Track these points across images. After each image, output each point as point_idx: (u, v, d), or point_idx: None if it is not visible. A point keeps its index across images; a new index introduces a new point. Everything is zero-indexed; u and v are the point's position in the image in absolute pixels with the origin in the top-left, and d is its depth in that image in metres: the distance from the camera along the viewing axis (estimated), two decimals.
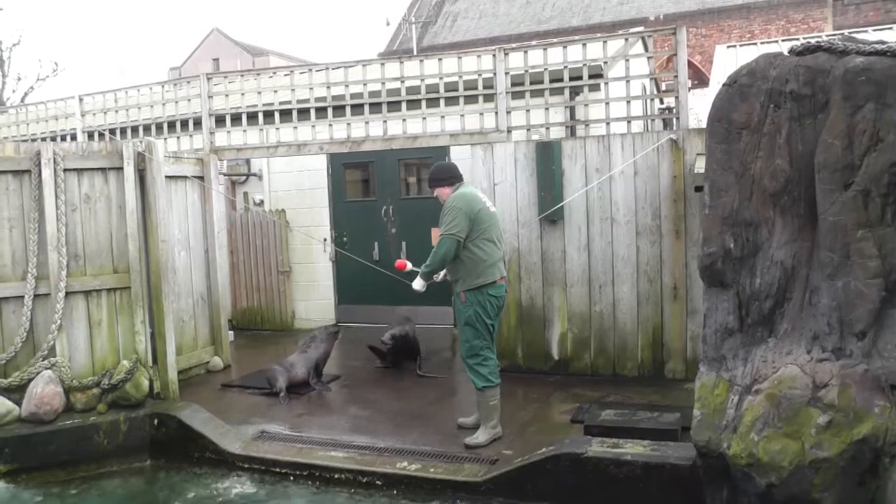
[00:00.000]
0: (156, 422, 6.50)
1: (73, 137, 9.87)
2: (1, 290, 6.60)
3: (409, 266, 6.12)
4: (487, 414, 5.69)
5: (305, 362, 7.43)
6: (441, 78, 7.83)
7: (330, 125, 8.34)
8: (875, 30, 11.09)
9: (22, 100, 25.91)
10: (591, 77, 7.49)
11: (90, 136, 9.77)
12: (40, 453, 6.15)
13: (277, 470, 5.75)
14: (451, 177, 5.85)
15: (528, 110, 7.56)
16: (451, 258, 5.57)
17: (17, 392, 6.40)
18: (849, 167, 4.09)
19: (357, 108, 8.25)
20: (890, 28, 11.13)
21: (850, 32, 9.19)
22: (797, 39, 8.74)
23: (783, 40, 11.48)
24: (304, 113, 8.49)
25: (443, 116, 7.84)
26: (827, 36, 7.33)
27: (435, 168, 6.01)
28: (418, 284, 5.81)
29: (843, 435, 3.97)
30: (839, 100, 4.13)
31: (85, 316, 6.83)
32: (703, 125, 5.14)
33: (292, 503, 5.42)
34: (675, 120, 7.26)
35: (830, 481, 3.99)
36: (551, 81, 7.47)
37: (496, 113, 7.61)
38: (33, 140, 10.22)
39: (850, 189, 4.10)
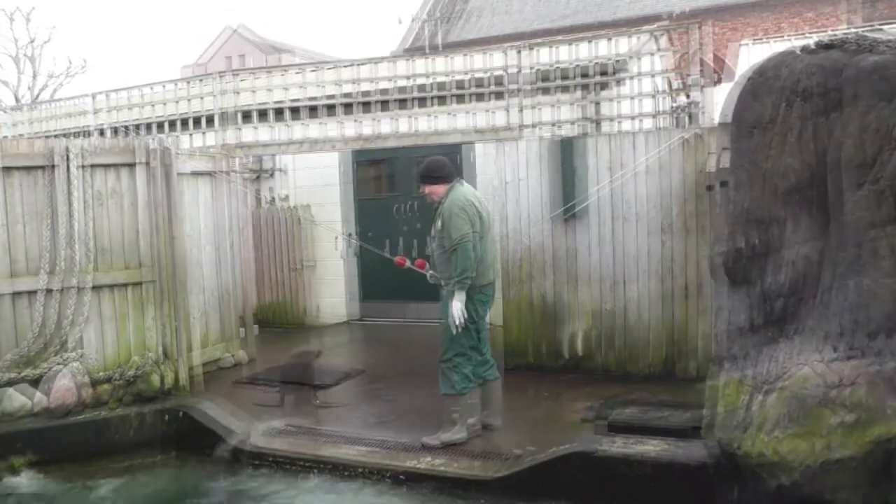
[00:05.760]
0: (174, 415, 6.56)
1: (101, 133, 9.89)
2: (20, 285, 6.67)
3: (408, 263, 6.09)
4: (449, 419, 5.65)
5: None
6: (468, 74, 7.78)
7: (356, 121, 8.27)
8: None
9: (51, 96, 26.18)
10: (608, 74, 7.45)
11: (103, 132, 9.81)
12: (58, 446, 6.22)
13: (295, 464, 5.78)
14: (448, 174, 5.64)
15: (548, 107, 7.52)
16: (475, 260, 5.41)
17: (35, 385, 6.48)
18: (862, 166, 4.07)
19: (380, 105, 8.19)
20: None
21: (879, 24, 9.07)
22: (820, 34, 8.64)
23: (805, 35, 11.36)
24: (323, 109, 8.49)
25: (468, 113, 7.79)
26: (855, 29, 7.24)
27: (429, 164, 5.72)
28: (458, 307, 5.37)
29: (856, 435, 3.94)
30: (852, 98, 4.11)
31: (104, 310, 6.88)
32: (720, 123, 5.12)
33: (309, 497, 5.45)
34: (691, 117, 7.22)
35: (843, 482, 3.97)
36: (570, 78, 7.45)
37: (514, 110, 7.58)
38: (52, 137, 10.30)
39: (863, 188, 4.07)
